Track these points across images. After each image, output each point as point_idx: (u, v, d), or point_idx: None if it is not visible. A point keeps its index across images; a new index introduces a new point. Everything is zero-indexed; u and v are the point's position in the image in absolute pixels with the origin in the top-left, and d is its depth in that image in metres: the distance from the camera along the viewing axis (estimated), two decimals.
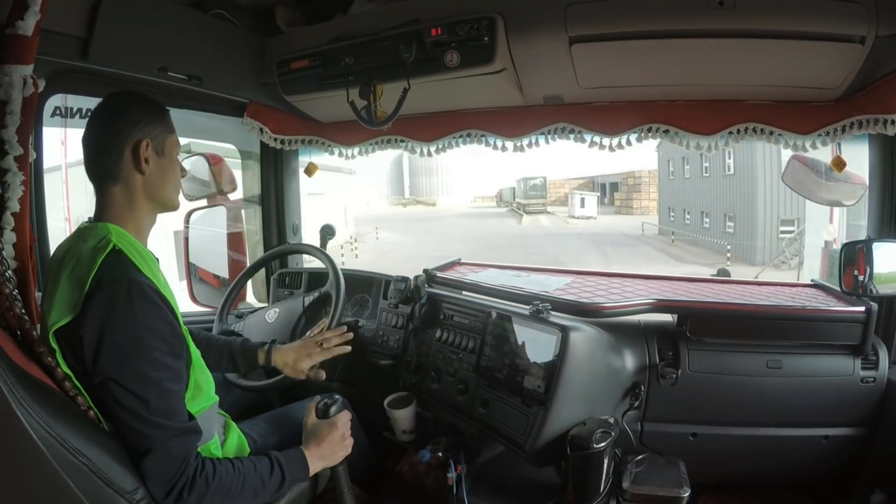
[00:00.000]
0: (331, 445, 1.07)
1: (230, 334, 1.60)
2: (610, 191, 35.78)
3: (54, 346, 0.83)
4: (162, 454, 0.82)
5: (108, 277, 0.83)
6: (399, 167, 54.26)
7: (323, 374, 1.28)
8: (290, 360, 1.26)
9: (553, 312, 1.32)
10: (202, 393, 0.96)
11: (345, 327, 1.37)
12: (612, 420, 1.18)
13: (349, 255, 14.31)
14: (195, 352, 0.95)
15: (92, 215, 0.96)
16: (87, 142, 0.94)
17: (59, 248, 0.93)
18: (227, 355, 1.29)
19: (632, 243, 18.87)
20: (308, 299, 1.56)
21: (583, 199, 31.65)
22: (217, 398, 1.02)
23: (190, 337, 0.94)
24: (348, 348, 1.32)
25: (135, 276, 0.85)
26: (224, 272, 2.11)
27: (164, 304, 0.86)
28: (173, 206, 1.02)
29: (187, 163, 1.99)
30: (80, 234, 0.91)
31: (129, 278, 0.84)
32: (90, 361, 0.82)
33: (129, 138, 0.92)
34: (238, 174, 2.11)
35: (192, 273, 2.08)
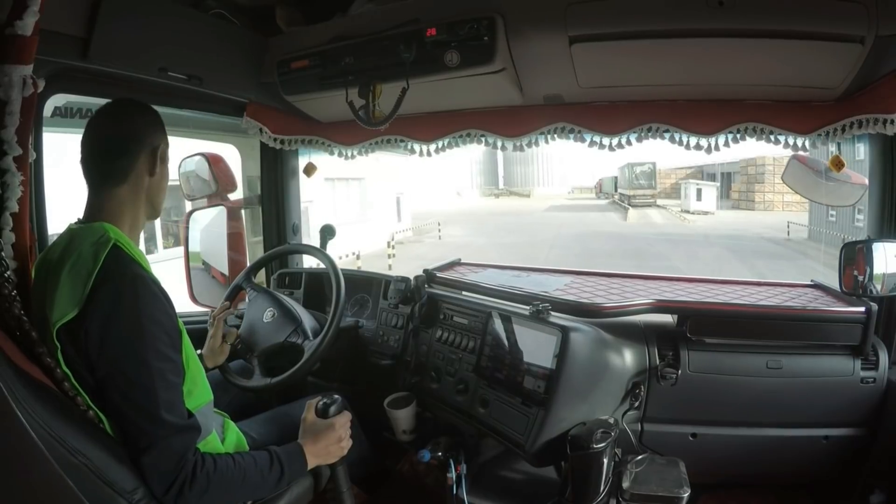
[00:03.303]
0: (326, 445, 1.08)
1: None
2: (724, 181, 30.02)
3: (56, 343, 0.83)
4: (161, 451, 0.82)
5: (113, 272, 0.85)
6: (493, 156, 49.79)
7: (233, 333, 1.45)
8: (208, 352, 1.41)
9: (553, 313, 1.32)
10: (198, 389, 0.97)
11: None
12: (612, 420, 1.18)
13: (369, 263, 10.12)
14: (189, 348, 0.95)
15: (81, 217, 0.98)
16: (101, 141, 0.96)
17: (52, 249, 0.94)
18: None
19: (783, 254, 13.50)
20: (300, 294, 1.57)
21: (699, 191, 25.68)
22: (212, 395, 1.02)
23: (185, 332, 0.94)
24: (231, 314, 1.50)
25: (138, 271, 0.87)
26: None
27: (164, 298, 0.88)
28: (159, 213, 1.05)
29: (189, 162, 2.00)
30: (75, 234, 0.92)
31: (133, 272, 0.86)
32: (95, 354, 0.83)
33: (149, 141, 0.97)
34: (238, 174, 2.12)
35: (206, 270, 2.10)
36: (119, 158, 0.95)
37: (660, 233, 17.71)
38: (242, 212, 2.16)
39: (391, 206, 16.74)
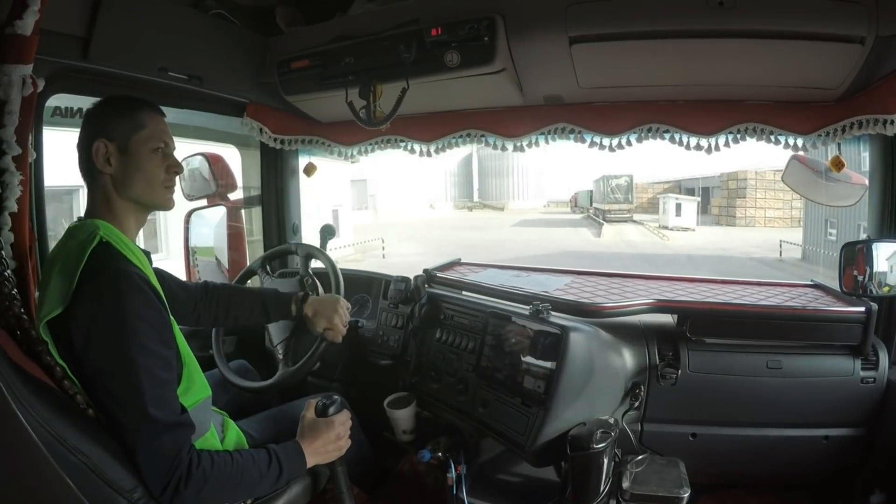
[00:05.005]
0: (325, 444, 1.07)
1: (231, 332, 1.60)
2: (703, 196, 29.15)
3: (46, 338, 0.84)
4: (154, 450, 0.82)
5: (97, 268, 0.84)
6: (468, 168, 48.89)
7: (338, 338, 1.30)
8: (320, 309, 1.28)
9: (553, 312, 1.32)
10: (195, 385, 0.96)
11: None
12: (612, 420, 1.18)
13: None
14: (184, 343, 0.95)
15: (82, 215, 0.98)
16: None
17: (54, 248, 0.95)
18: (260, 305, 1.32)
19: (781, 278, 9.16)
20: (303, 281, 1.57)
21: (678, 206, 24.71)
22: (209, 391, 1.02)
23: (180, 331, 0.95)
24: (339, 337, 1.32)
25: (123, 266, 0.86)
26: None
27: (152, 293, 0.88)
28: (154, 204, 1.00)
29: (189, 162, 2.00)
30: (71, 232, 0.93)
31: (116, 268, 0.85)
32: (81, 352, 0.83)
33: (87, 140, 0.95)
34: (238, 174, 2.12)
35: (217, 266, 2.12)
36: (79, 161, 0.97)
37: (637, 252, 16.19)
38: (242, 212, 2.17)
39: (327, 220, 15.14)
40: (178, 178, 1.04)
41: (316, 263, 1.62)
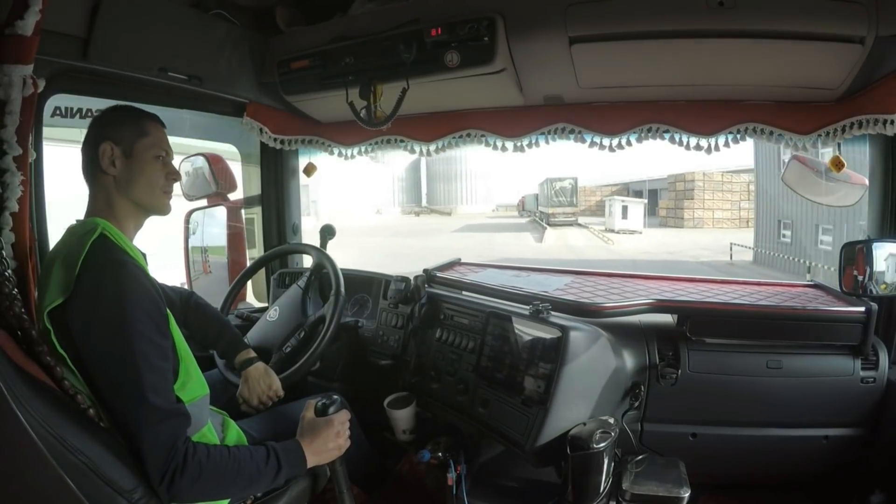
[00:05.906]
0: (324, 443, 1.07)
1: None
2: (650, 198, 28.66)
3: (49, 328, 0.85)
4: (152, 439, 0.83)
5: (96, 258, 0.88)
6: (416, 172, 48.41)
7: (244, 409, 1.31)
8: (251, 380, 1.30)
9: (553, 312, 1.32)
10: (192, 381, 0.97)
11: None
12: (612, 420, 1.18)
13: None
14: (180, 338, 0.97)
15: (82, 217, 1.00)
16: None
17: (55, 246, 0.97)
18: (215, 338, 1.35)
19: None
20: (302, 282, 1.58)
21: (625, 208, 24.38)
22: (207, 389, 1.03)
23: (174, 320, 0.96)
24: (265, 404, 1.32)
25: (121, 257, 0.90)
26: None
27: (149, 284, 0.90)
28: (152, 207, 1.03)
29: (189, 162, 2.00)
30: (72, 230, 0.96)
31: (115, 259, 0.89)
32: (81, 341, 0.85)
33: (94, 142, 0.98)
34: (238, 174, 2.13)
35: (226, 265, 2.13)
36: (83, 162, 1.00)
37: (579, 258, 15.18)
38: (242, 212, 2.17)
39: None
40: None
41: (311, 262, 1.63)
